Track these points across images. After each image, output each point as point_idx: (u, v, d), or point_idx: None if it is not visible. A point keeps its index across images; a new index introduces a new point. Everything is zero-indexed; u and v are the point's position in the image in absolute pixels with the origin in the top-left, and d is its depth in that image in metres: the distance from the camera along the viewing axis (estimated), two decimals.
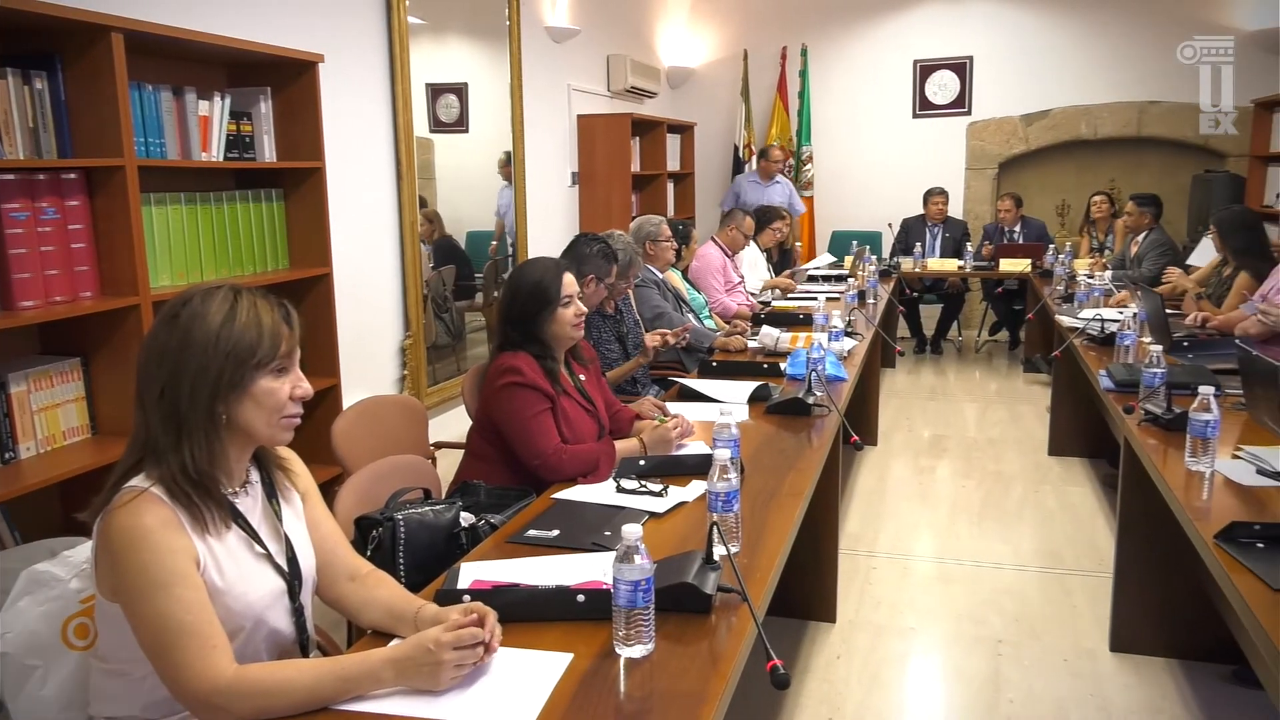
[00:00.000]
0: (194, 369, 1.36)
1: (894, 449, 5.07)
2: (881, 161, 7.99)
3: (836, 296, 5.09)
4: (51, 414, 2.38)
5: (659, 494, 2.15)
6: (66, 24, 2.25)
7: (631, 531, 1.43)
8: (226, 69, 3.03)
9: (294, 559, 1.51)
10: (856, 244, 6.63)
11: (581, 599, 1.57)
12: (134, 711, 1.40)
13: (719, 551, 1.65)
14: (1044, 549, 3.73)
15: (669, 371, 3.90)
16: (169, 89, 2.64)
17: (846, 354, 3.62)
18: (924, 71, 7.85)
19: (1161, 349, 2.84)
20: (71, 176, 2.37)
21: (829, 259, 6.85)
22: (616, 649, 1.46)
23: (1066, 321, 4.44)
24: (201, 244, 2.80)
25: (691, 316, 4.40)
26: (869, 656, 2.93)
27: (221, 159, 2.83)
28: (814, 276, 6.26)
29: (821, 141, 8.06)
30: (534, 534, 1.95)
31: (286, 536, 1.51)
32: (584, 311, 2.56)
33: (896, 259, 7.03)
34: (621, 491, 2.19)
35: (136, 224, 2.44)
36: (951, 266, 6.97)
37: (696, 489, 2.18)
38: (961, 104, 7.82)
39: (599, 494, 2.21)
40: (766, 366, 3.35)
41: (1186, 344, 3.60)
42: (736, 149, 8.07)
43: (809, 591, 3.12)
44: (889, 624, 3.14)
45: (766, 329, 3.87)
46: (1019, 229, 7.19)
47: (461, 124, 4.79)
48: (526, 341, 2.48)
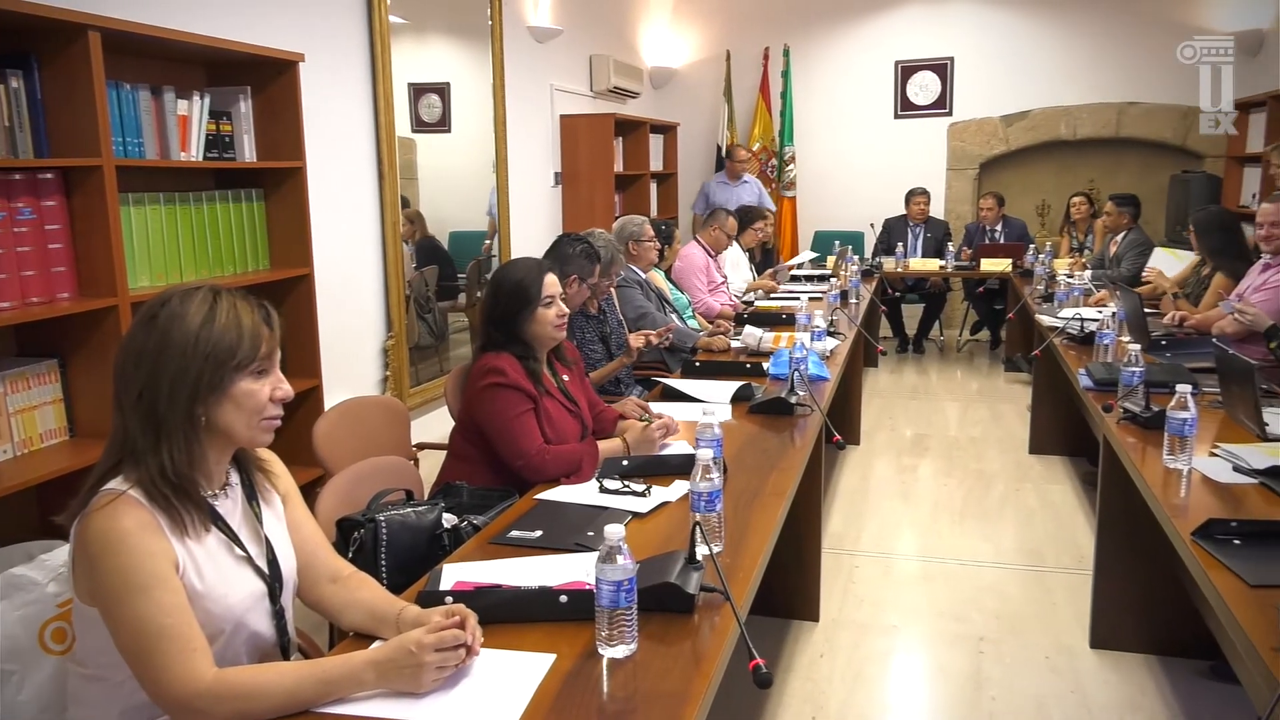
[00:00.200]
0: (173, 370, 1.35)
1: (876, 448, 5.09)
2: (863, 162, 8.02)
3: (819, 296, 5.10)
4: (28, 416, 2.35)
5: (642, 494, 2.15)
6: (43, 22, 2.23)
7: (614, 532, 1.43)
8: (206, 68, 3.00)
9: (274, 561, 1.50)
10: (839, 244, 6.66)
11: (564, 600, 1.57)
12: (112, 717, 1.38)
13: (702, 551, 1.65)
14: (1025, 547, 3.76)
15: (652, 372, 3.90)
16: (147, 88, 2.62)
17: (829, 354, 3.64)
18: (905, 72, 7.88)
19: (1140, 348, 2.86)
20: (48, 176, 2.34)
21: (811, 255, 6.88)
22: (599, 649, 1.46)
23: (1047, 321, 4.48)
24: (181, 244, 2.77)
25: (674, 317, 4.40)
26: (852, 655, 2.95)
27: (201, 159, 2.81)
28: (797, 276, 6.28)
29: (804, 142, 8.09)
30: (517, 535, 1.95)
31: (267, 539, 1.50)
32: (566, 312, 2.56)
33: (878, 259, 7.07)
34: (604, 492, 2.19)
35: (115, 224, 2.42)
36: (933, 266, 7.02)
37: (679, 489, 2.18)
38: (942, 105, 7.86)
39: (582, 494, 2.21)
40: (749, 366, 3.36)
41: (1165, 343, 3.64)
42: (719, 149, 8.07)
43: (792, 590, 3.13)
44: (872, 622, 3.16)
45: (749, 329, 3.89)
46: (1000, 228, 7.25)
47: (444, 124, 4.77)
48: (509, 342, 2.48)
